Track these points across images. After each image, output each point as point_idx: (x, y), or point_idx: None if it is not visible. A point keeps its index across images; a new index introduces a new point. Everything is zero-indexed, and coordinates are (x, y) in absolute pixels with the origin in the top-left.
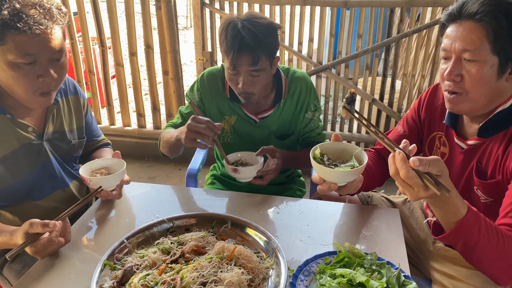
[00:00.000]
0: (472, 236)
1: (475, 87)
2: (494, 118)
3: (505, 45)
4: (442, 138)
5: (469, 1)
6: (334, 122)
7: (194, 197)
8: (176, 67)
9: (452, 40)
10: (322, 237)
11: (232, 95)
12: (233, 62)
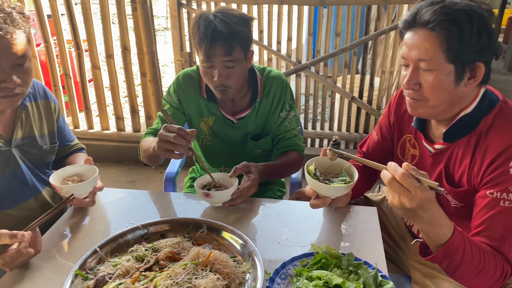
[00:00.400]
0: (457, 256)
1: (434, 95)
2: (458, 123)
3: (459, 53)
4: (412, 140)
5: (422, 8)
6: (315, 121)
7: (171, 202)
8: (154, 68)
9: (409, 48)
10: (300, 238)
11: (209, 96)
12: (207, 52)
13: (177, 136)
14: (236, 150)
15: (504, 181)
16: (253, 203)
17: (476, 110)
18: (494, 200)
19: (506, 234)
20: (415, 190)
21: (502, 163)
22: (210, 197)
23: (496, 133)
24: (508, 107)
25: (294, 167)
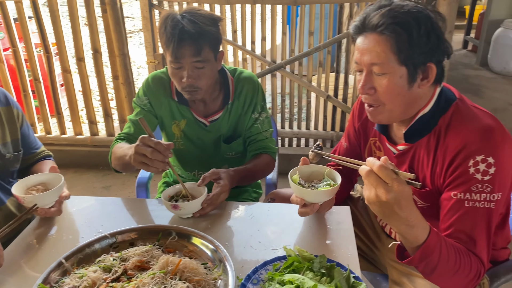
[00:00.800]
0: (434, 257)
1: (389, 99)
2: (417, 123)
3: (410, 55)
4: (377, 143)
5: (370, 12)
6: (292, 120)
7: (142, 208)
8: (126, 71)
9: (361, 53)
10: (273, 242)
11: (180, 98)
12: (175, 53)
13: (154, 151)
14: (209, 154)
15: (466, 182)
16: (225, 207)
17: (433, 109)
18: (459, 202)
19: (475, 234)
20: (391, 182)
21: (461, 163)
22: (178, 209)
23: (454, 132)
24: (464, 104)
25: (266, 170)
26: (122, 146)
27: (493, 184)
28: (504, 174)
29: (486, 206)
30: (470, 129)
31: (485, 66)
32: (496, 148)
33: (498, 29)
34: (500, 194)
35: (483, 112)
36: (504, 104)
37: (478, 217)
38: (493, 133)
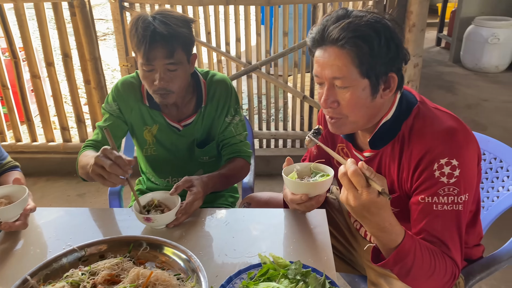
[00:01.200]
0: (409, 260)
1: (352, 111)
2: (380, 130)
3: (372, 67)
4: (345, 149)
5: (329, 25)
6: (269, 121)
7: (114, 218)
8: (98, 75)
9: (321, 67)
10: (248, 249)
11: (151, 103)
12: (146, 55)
13: (113, 165)
14: (183, 159)
15: (432, 185)
16: (199, 215)
17: (395, 115)
18: (427, 206)
19: (447, 237)
20: (361, 190)
21: (426, 167)
22: (151, 222)
23: (417, 137)
24: (425, 107)
25: (241, 174)
26: (87, 154)
27: (459, 186)
28: (469, 175)
29: (454, 209)
30: (432, 133)
31: (458, 63)
32: (459, 150)
33: (470, 26)
34: (467, 195)
35: (445, 113)
36: (477, 100)
37: (448, 220)
38: (455, 134)
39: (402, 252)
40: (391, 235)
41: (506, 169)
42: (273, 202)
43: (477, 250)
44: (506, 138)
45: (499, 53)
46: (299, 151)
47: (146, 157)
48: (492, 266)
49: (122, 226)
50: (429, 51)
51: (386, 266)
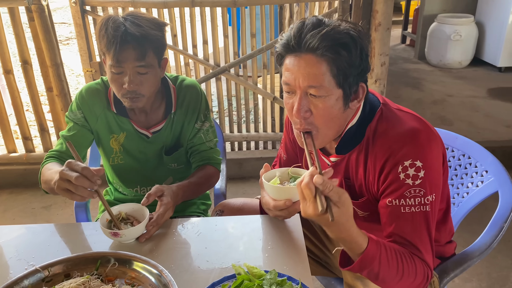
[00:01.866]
0: (375, 266)
1: (324, 122)
2: (346, 136)
3: (347, 76)
4: (313, 154)
5: (306, 32)
6: (240, 124)
7: (80, 234)
8: (60, 82)
9: (294, 75)
10: (221, 259)
11: (119, 109)
12: (116, 56)
13: (80, 177)
14: (152, 167)
15: (398, 188)
16: (170, 226)
17: (360, 119)
18: (395, 208)
19: (416, 238)
20: (308, 204)
21: (391, 170)
22: (119, 236)
23: (381, 140)
24: (388, 109)
25: (211, 182)
26: (51, 168)
27: (425, 187)
28: (434, 175)
29: (422, 210)
30: (395, 135)
31: (423, 60)
32: (422, 151)
33: (433, 24)
34: (434, 195)
35: (407, 114)
36: (442, 95)
37: (416, 222)
38: (418, 135)
39: (367, 259)
40: (351, 244)
41: (475, 165)
42: (247, 208)
43: (449, 247)
44: (472, 132)
45: (461, 49)
46: (272, 153)
47: (113, 167)
48: (465, 263)
49: (90, 242)
50: (394, 48)
51: (353, 270)
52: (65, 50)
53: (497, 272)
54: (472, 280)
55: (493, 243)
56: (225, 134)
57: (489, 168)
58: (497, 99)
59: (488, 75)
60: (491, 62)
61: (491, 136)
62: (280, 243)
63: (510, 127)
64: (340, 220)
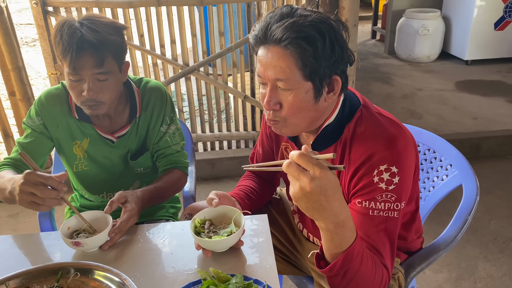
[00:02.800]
0: (356, 265)
1: (294, 114)
2: (323, 133)
3: (315, 69)
4: (289, 148)
5: (273, 24)
6: (212, 124)
7: (41, 244)
8: (23, 86)
9: (264, 67)
10: (187, 265)
11: (81, 115)
12: (73, 64)
13: (45, 188)
14: (118, 172)
15: (371, 191)
16: (135, 232)
17: (338, 117)
18: (364, 210)
19: (379, 243)
20: (313, 168)
21: (366, 173)
22: (81, 246)
23: (358, 142)
24: (368, 111)
25: (178, 186)
26: (4, 176)
27: (397, 193)
28: (407, 183)
29: (389, 215)
30: (374, 139)
31: (392, 54)
32: (399, 157)
33: (401, 19)
34: (403, 203)
35: (387, 119)
36: (412, 89)
37: (382, 226)
38: (396, 142)
39: (352, 254)
40: (346, 232)
41: (440, 159)
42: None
43: (416, 242)
44: (440, 125)
45: (429, 43)
46: (244, 152)
47: (77, 173)
48: (431, 257)
49: (51, 252)
50: (365, 44)
51: (332, 270)
52: (32, 52)
53: (466, 262)
54: (443, 271)
55: (458, 235)
56: (197, 134)
57: (453, 161)
58: (465, 91)
59: (455, 68)
60: (458, 56)
61: (459, 128)
62: (247, 244)
63: (477, 119)
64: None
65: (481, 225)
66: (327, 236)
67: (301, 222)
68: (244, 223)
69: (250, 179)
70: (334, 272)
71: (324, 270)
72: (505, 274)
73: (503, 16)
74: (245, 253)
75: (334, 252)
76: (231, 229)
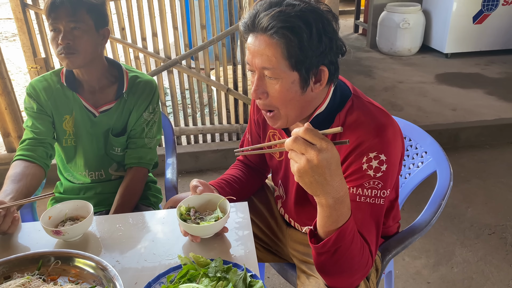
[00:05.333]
0: (347, 242)
1: (282, 104)
2: (313, 122)
3: (301, 60)
4: (277, 135)
5: (261, 12)
6: (195, 117)
7: (23, 234)
8: (2, 80)
9: (252, 55)
10: (168, 251)
11: (69, 82)
12: (51, 14)
13: None
14: (98, 151)
15: (359, 178)
16: (116, 220)
17: (329, 107)
18: (352, 196)
19: (365, 229)
20: (320, 142)
21: (355, 160)
22: (62, 235)
23: (349, 130)
24: (359, 100)
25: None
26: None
27: (383, 181)
28: (394, 171)
29: (376, 202)
30: (364, 127)
31: (374, 48)
32: (388, 146)
33: (383, 13)
34: (388, 191)
35: (378, 108)
36: (393, 82)
37: (368, 212)
38: (386, 130)
39: (346, 231)
40: (343, 208)
41: (415, 147)
42: None
43: (393, 227)
44: (420, 116)
45: (410, 36)
46: (228, 145)
47: (65, 149)
48: (406, 240)
49: (33, 242)
50: (348, 38)
51: (325, 246)
52: (12, 46)
53: (444, 248)
54: (421, 257)
55: (432, 220)
56: (180, 127)
57: (428, 149)
58: (444, 84)
59: (435, 61)
60: (438, 49)
61: (438, 119)
62: (228, 232)
63: (456, 110)
64: (339, 161)
65: (458, 212)
66: (325, 212)
67: (283, 207)
68: (229, 208)
69: (237, 168)
70: (326, 248)
71: (317, 245)
72: (480, 259)
73: (481, 9)
74: (225, 241)
75: (329, 229)
76: (217, 214)
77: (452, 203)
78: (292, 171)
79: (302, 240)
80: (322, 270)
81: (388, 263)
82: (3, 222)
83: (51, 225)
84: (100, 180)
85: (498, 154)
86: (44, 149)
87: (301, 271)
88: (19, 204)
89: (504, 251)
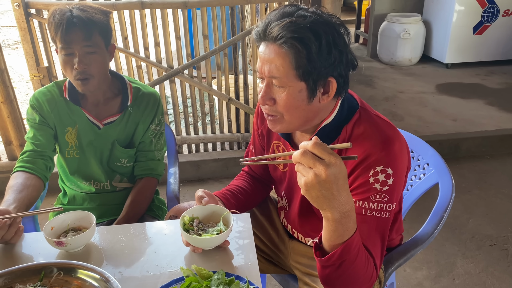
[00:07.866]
0: (352, 256)
1: (288, 112)
2: (319, 134)
3: (309, 71)
4: (281, 146)
5: (272, 21)
6: (196, 126)
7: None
8: (5, 88)
9: (262, 62)
10: (170, 263)
11: (72, 96)
12: (64, 37)
13: None
14: (101, 162)
15: (365, 191)
16: (118, 231)
17: (336, 119)
18: (357, 210)
19: (370, 243)
20: (328, 156)
21: (362, 173)
22: (64, 245)
23: (356, 143)
24: (366, 113)
25: (150, 195)
26: (16, 178)
27: (390, 195)
28: (400, 185)
29: (382, 216)
30: (371, 140)
31: (375, 58)
32: (395, 159)
33: (383, 23)
34: (394, 204)
35: (384, 121)
36: (394, 92)
37: (374, 226)
38: (393, 144)
39: (351, 245)
40: (349, 223)
41: (417, 159)
42: None
43: (396, 240)
44: (421, 126)
45: (411, 47)
46: (229, 154)
47: (68, 160)
48: (408, 252)
49: (35, 253)
50: None
51: (330, 260)
52: (14, 54)
53: (445, 259)
54: (422, 269)
55: (435, 232)
56: (181, 136)
57: (430, 160)
58: (445, 94)
59: (436, 71)
60: (438, 59)
61: (439, 129)
62: (231, 244)
63: (456, 120)
64: (346, 177)
65: (459, 223)
66: (331, 226)
67: (286, 218)
68: (233, 222)
69: (242, 178)
70: (331, 262)
71: (322, 259)
72: (482, 270)
73: (481, 20)
74: (228, 252)
75: (335, 243)
76: (220, 227)
77: (453, 214)
78: (299, 185)
79: (305, 252)
80: (326, 283)
81: (390, 275)
82: (7, 232)
83: (54, 235)
84: (105, 191)
85: (499, 165)
86: (44, 161)
87: (303, 283)
88: (26, 215)
89: (506, 262)
